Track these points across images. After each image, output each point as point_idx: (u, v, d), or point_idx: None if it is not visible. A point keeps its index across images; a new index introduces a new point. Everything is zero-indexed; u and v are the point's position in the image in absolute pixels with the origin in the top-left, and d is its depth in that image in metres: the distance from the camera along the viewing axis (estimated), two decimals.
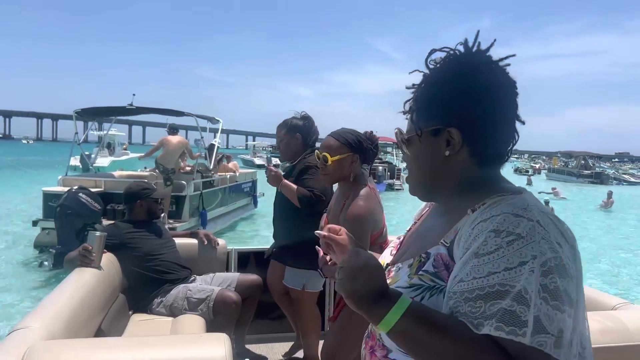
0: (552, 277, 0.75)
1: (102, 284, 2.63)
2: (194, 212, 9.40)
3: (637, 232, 15.07)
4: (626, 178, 44.65)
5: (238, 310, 2.98)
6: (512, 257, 0.77)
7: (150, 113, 10.38)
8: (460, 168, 0.96)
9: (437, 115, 0.95)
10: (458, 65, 0.95)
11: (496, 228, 0.80)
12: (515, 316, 0.74)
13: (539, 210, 0.83)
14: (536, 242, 0.77)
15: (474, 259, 0.80)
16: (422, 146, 0.98)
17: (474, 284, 0.78)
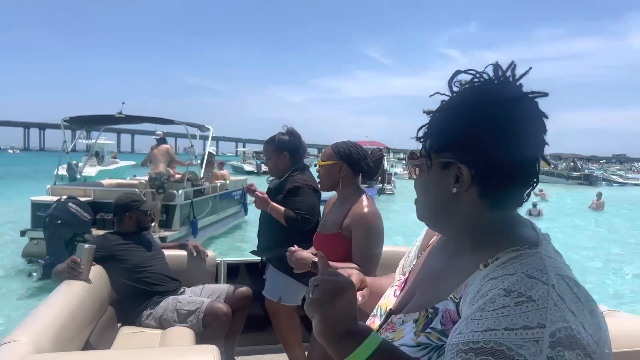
0: (559, 350, 0.67)
1: (91, 297, 2.61)
2: (185, 221, 9.35)
3: (627, 236, 15.20)
4: (615, 179, 45.18)
5: (228, 321, 2.98)
6: (517, 318, 0.69)
7: (140, 122, 10.34)
8: (469, 208, 0.87)
9: (448, 147, 0.87)
10: (480, 94, 0.86)
11: (507, 287, 0.73)
12: None
13: (556, 273, 0.75)
14: (547, 309, 0.69)
15: (477, 312, 0.73)
16: (430, 177, 0.91)
17: (469, 337, 0.71)
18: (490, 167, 0.84)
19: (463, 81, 0.89)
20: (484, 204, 0.86)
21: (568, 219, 18.39)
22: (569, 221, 17.71)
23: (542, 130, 0.85)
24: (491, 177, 0.84)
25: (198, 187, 10.26)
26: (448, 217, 0.91)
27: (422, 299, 0.91)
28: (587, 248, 12.80)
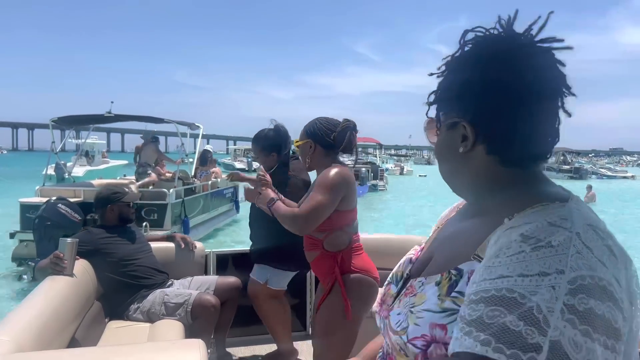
0: (582, 297, 0.59)
1: (76, 292, 2.59)
2: (176, 220, 9.31)
3: (624, 227, 15.32)
4: (603, 172, 45.56)
5: (217, 313, 2.97)
6: (532, 264, 0.62)
7: (129, 120, 10.29)
8: (481, 166, 0.83)
9: (453, 106, 0.84)
10: (482, 48, 0.81)
11: (525, 233, 0.67)
12: (520, 338, 0.58)
13: (584, 223, 0.68)
14: (567, 255, 0.62)
15: (491, 259, 0.67)
16: (440, 139, 0.89)
17: (481, 286, 0.65)
18: (492, 123, 0.79)
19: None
20: (494, 161, 0.82)
21: None
22: None
23: (558, 81, 0.78)
24: (495, 134, 0.80)
25: (189, 185, 10.25)
26: (463, 178, 0.87)
27: (442, 261, 0.84)
28: None
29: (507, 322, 0.59)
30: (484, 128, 0.80)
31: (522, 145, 0.79)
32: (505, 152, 0.81)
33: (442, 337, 0.73)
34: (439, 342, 0.73)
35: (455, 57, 0.85)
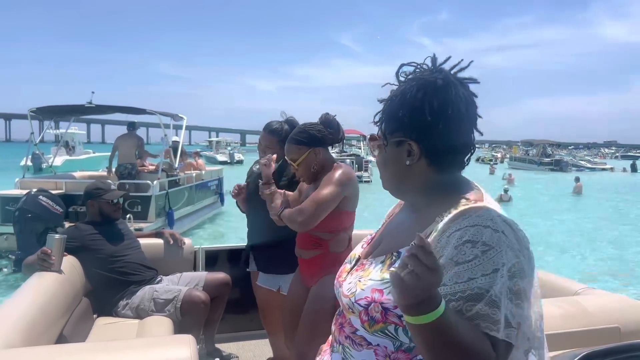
0: (515, 280, 0.92)
1: (64, 288, 2.55)
2: (161, 212, 9.22)
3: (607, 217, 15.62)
4: (583, 164, 46.36)
5: (206, 309, 2.95)
6: (487, 265, 0.91)
7: (111, 112, 10.12)
8: (422, 175, 1.08)
9: (399, 128, 1.07)
10: (420, 83, 1.05)
11: (471, 239, 0.94)
12: (489, 317, 0.89)
13: (502, 221, 0.97)
14: (503, 251, 0.92)
15: (454, 266, 0.93)
16: (387, 155, 1.11)
17: (456, 288, 0.92)
18: (434, 141, 1.05)
19: (408, 72, 1.10)
20: (432, 170, 1.08)
21: (553, 202, 18.88)
22: (552, 206, 18.19)
23: (473, 107, 1.07)
24: (435, 149, 1.06)
25: (173, 177, 10.14)
26: (406, 185, 1.11)
27: (387, 246, 1.12)
28: (571, 230, 13.15)
29: (481, 310, 0.89)
30: (426, 145, 1.06)
31: (453, 156, 1.08)
32: (442, 163, 1.08)
33: (379, 298, 1.01)
34: (377, 302, 1.01)
35: (400, 88, 1.08)
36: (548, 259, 9.67)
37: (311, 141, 2.32)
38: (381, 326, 1.01)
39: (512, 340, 0.90)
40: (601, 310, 1.81)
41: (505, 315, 0.89)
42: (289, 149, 2.36)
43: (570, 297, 2.03)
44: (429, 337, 0.87)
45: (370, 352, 1.05)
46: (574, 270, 8.87)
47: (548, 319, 1.70)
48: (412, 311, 0.85)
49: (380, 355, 1.03)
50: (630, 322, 1.77)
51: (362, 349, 1.06)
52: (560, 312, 1.75)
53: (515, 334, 0.91)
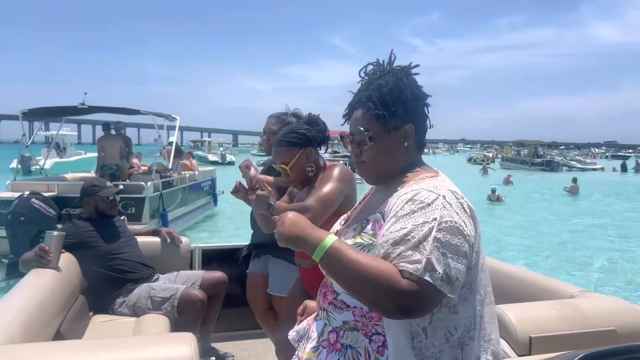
0: (444, 234, 1.05)
1: (61, 285, 2.54)
2: (154, 214, 9.18)
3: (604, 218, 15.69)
4: (574, 164, 46.65)
5: (203, 308, 2.96)
6: (419, 217, 1.06)
7: (104, 112, 10.05)
8: (408, 155, 1.26)
9: (397, 115, 1.22)
10: (395, 75, 1.23)
11: (412, 198, 1.11)
12: (409, 257, 1.03)
13: (447, 189, 1.13)
14: (438, 209, 1.07)
15: (394, 219, 1.10)
16: (388, 141, 1.24)
17: (390, 236, 1.07)
18: (420, 122, 1.25)
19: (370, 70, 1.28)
20: (416, 151, 1.27)
21: (546, 203, 18.98)
22: (547, 205, 18.26)
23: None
24: (420, 129, 1.26)
25: (166, 178, 10.10)
26: (397, 167, 1.25)
27: (360, 217, 1.29)
28: (566, 231, 13.23)
29: (402, 251, 1.04)
30: (417, 126, 1.24)
31: (425, 136, 1.29)
32: (423, 141, 1.28)
33: None
34: None
35: (376, 83, 1.23)
36: (546, 262, 9.72)
37: (302, 141, 2.19)
38: None
39: (436, 283, 1.01)
40: (597, 313, 1.82)
41: (428, 260, 1.01)
42: (278, 152, 2.21)
43: (567, 299, 2.04)
44: (330, 271, 1.11)
45: (349, 312, 1.21)
46: (572, 273, 8.91)
47: (545, 321, 1.75)
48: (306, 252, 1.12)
49: (358, 315, 1.20)
50: (626, 325, 1.78)
51: (342, 312, 1.23)
52: (557, 314, 1.77)
53: (441, 278, 1.01)
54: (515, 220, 15.04)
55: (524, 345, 1.67)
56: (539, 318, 1.76)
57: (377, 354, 1.17)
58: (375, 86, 1.23)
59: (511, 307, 1.79)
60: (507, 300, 2.18)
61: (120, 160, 9.66)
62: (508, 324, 1.70)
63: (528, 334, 1.68)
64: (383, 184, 1.30)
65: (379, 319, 1.17)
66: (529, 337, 1.68)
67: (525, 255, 10.33)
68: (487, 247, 10.92)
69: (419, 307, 1.02)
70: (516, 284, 2.46)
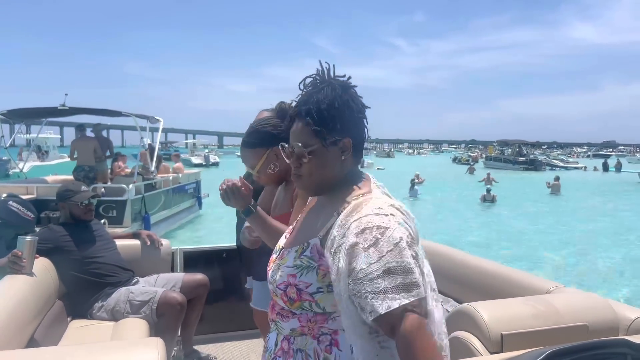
0: (413, 248, 1.10)
1: (35, 291, 2.51)
2: (136, 217, 9.08)
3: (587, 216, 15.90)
4: (556, 163, 47.34)
5: (183, 311, 2.92)
6: (388, 243, 1.07)
7: (85, 114, 9.94)
8: (347, 166, 1.27)
9: (335, 130, 1.23)
10: (333, 87, 1.24)
11: (366, 226, 1.10)
12: (413, 283, 1.06)
13: (388, 205, 1.15)
14: (397, 228, 1.09)
15: (363, 252, 1.08)
16: (326, 155, 1.25)
17: (373, 268, 1.06)
18: (356, 135, 1.25)
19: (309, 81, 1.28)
20: (353, 163, 1.28)
21: (530, 202, 19.18)
22: (531, 205, 18.46)
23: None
24: (359, 141, 1.27)
25: (149, 181, 9.99)
26: (333, 180, 1.27)
27: (300, 237, 1.30)
28: (552, 230, 13.38)
29: (400, 280, 1.05)
30: (354, 139, 1.25)
31: (362, 148, 1.29)
32: (359, 153, 1.28)
33: (293, 282, 1.21)
34: (292, 284, 1.21)
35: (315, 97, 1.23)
36: (526, 258, 9.82)
37: (266, 141, 2.01)
38: (298, 304, 1.22)
39: (425, 293, 1.08)
40: (570, 309, 1.83)
41: (419, 278, 1.07)
42: (243, 155, 2.07)
43: (542, 295, 2.06)
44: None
45: (295, 320, 1.26)
46: (549, 269, 9.02)
47: (517, 318, 1.75)
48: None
49: (304, 321, 1.24)
50: (598, 320, 1.80)
51: (289, 320, 1.27)
52: (531, 311, 1.77)
53: (424, 290, 1.09)
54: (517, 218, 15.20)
55: (495, 343, 1.67)
56: (511, 315, 1.76)
57: (326, 353, 1.23)
58: (314, 100, 1.23)
59: (484, 305, 1.79)
60: (483, 297, 2.20)
61: (95, 162, 9.57)
62: (480, 322, 1.70)
63: (500, 331, 1.68)
64: (320, 194, 1.33)
65: (323, 322, 1.23)
66: (500, 334, 1.67)
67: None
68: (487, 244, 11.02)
69: (426, 318, 1.08)
70: (492, 280, 2.47)
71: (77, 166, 9.49)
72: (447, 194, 22.19)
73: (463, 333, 1.75)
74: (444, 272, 2.79)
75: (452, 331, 1.78)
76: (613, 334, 1.76)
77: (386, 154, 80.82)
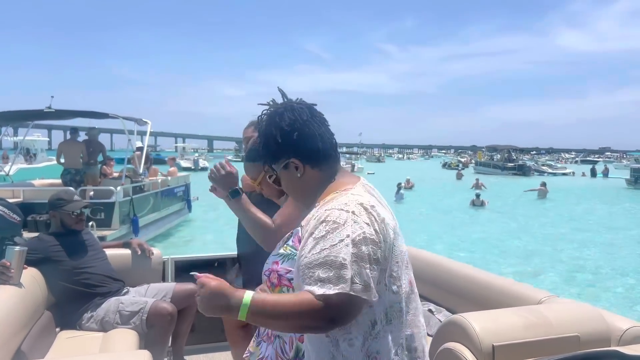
0: (359, 247, 1.17)
1: (23, 302, 2.46)
2: (125, 219, 8.97)
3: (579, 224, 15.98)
4: (545, 169, 47.76)
5: (173, 321, 2.87)
6: (335, 237, 1.17)
7: (72, 117, 9.83)
8: (313, 178, 1.37)
9: (280, 155, 1.37)
10: (269, 116, 1.38)
11: (325, 219, 1.21)
12: (341, 277, 1.14)
13: (356, 203, 1.23)
14: (349, 226, 1.18)
15: (312, 241, 1.20)
16: (284, 179, 1.41)
17: (311, 258, 1.18)
18: (304, 149, 1.34)
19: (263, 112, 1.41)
20: (317, 171, 1.37)
21: (520, 208, 19.29)
22: (521, 210, 18.57)
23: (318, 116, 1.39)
24: (308, 155, 1.35)
25: (137, 183, 9.88)
26: (307, 194, 1.39)
27: (291, 229, 1.46)
28: (539, 237, 13.44)
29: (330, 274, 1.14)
30: (302, 155, 1.35)
31: (323, 152, 1.36)
32: (319, 161, 1.36)
33: (275, 268, 1.38)
34: (274, 271, 1.38)
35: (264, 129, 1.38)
36: (515, 267, 9.83)
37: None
38: (279, 289, 1.36)
39: (360, 293, 1.14)
40: (562, 319, 1.82)
41: (352, 276, 1.14)
42: (245, 168, 2.19)
43: (534, 305, 2.05)
44: (259, 322, 1.24)
45: None
46: (541, 279, 9.02)
47: (509, 329, 1.74)
48: (229, 315, 1.19)
49: None
50: (590, 330, 1.79)
51: None
52: (522, 322, 1.76)
53: (362, 289, 1.14)
54: (507, 223, 15.26)
55: (487, 354, 1.65)
56: (502, 326, 1.75)
57: (298, 342, 1.39)
58: (261, 136, 1.38)
59: (475, 316, 1.77)
60: (476, 306, 2.20)
61: (82, 165, 9.47)
62: (471, 333, 1.68)
63: (491, 343, 1.66)
64: (310, 205, 1.39)
65: None
66: (492, 345, 1.65)
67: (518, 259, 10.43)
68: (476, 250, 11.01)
69: (346, 317, 1.17)
70: (484, 289, 2.47)
71: (64, 169, 9.43)
72: (437, 199, 22.29)
73: (454, 344, 1.73)
74: (436, 281, 2.78)
75: (444, 342, 1.78)
76: (605, 344, 1.76)
77: (376, 159, 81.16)
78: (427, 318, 2.45)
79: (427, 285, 2.73)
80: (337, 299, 1.13)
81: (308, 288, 1.15)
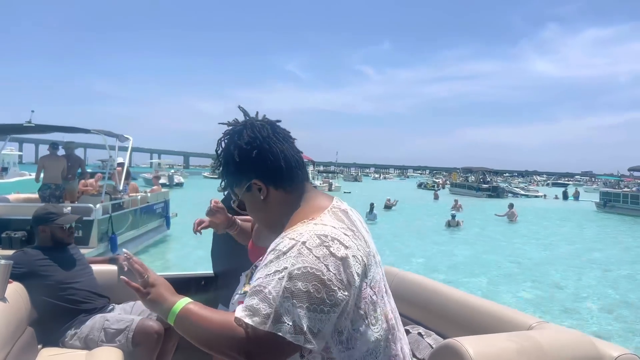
0: (296, 282, 1.04)
1: (6, 317, 2.40)
2: (103, 237, 8.85)
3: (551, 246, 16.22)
4: (518, 191, 48.71)
5: (160, 340, 2.83)
6: (273, 267, 1.08)
7: (52, 131, 9.71)
8: (278, 200, 1.26)
9: (241, 177, 1.27)
10: (228, 138, 1.28)
11: (275, 247, 1.13)
12: (259, 311, 1.04)
13: (312, 234, 1.12)
14: (292, 257, 1.07)
15: (261, 268, 1.12)
16: (248, 202, 1.30)
17: (253, 284, 1.10)
18: (265, 169, 1.24)
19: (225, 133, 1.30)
20: (282, 192, 1.26)
21: (493, 229, 19.50)
22: (492, 232, 18.80)
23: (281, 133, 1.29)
24: (271, 174, 1.24)
25: (117, 200, 9.78)
26: (275, 216, 1.27)
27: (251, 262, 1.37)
28: (518, 260, 13.62)
29: (254, 304, 1.05)
30: (263, 176, 1.24)
31: (288, 171, 1.25)
32: (283, 181, 1.25)
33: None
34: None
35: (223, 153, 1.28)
36: (498, 289, 9.94)
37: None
38: None
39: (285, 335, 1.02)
40: (554, 345, 1.83)
41: (276, 312, 1.03)
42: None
43: (525, 331, 2.05)
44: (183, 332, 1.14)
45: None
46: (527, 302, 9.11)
47: (503, 354, 1.74)
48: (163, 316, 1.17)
49: None
50: (581, 357, 1.81)
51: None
52: (515, 347, 1.76)
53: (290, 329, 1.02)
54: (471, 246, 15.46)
55: None
56: (497, 351, 1.75)
57: None
58: (221, 157, 1.30)
59: (469, 340, 1.77)
60: (465, 330, 2.18)
61: (62, 180, 9.30)
62: (466, 358, 1.68)
63: None
64: (277, 230, 1.29)
65: None
66: None
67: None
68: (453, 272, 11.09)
69: (265, 356, 1.06)
70: (474, 313, 2.45)
71: (43, 184, 9.16)
72: (413, 219, 22.50)
73: None
74: (425, 304, 2.75)
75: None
76: None
77: (354, 178, 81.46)
78: (416, 342, 2.44)
79: (416, 308, 2.71)
80: (261, 334, 1.03)
81: (237, 312, 1.07)
